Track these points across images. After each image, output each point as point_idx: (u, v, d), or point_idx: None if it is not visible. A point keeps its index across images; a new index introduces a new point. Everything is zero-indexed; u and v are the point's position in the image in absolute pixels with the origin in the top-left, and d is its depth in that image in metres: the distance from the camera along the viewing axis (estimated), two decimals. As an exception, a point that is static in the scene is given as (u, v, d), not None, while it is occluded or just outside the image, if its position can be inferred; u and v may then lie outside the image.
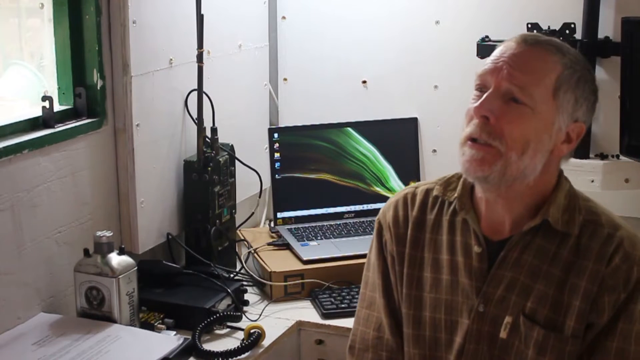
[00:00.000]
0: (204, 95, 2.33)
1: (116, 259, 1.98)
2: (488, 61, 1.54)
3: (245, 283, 2.31)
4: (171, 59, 2.29)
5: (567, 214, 1.55)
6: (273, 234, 2.60)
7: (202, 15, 2.25)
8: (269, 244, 2.51)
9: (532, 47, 1.52)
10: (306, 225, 2.62)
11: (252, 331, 2.02)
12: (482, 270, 1.58)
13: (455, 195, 1.64)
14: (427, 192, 1.69)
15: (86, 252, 1.99)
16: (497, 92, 1.50)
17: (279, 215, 2.64)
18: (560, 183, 1.58)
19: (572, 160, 2.42)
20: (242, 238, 2.58)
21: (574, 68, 1.52)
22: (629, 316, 1.50)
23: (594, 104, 1.56)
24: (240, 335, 2.05)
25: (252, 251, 2.48)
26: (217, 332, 2.09)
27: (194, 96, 2.34)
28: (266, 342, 2.04)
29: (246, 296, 2.26)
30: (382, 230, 1.72)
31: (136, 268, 2.02)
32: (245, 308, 2.21)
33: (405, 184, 2.70)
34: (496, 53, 1.54)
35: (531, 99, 1.48)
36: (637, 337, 1.50)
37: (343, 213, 2.68)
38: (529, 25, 2.44)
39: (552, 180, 1.58)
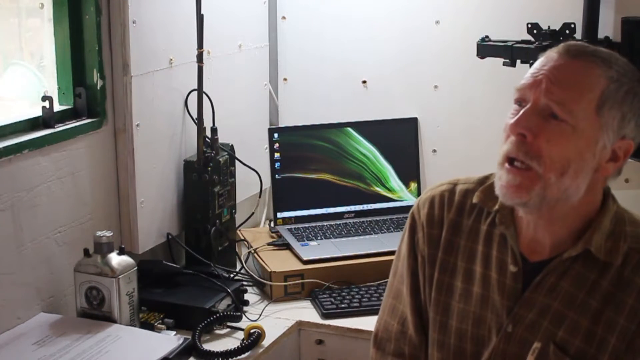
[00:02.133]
0: (204, 95, 2.33)
1: (116, 259, 1.98)
2: (528, 74, 1.44)
3: (245, 283, 2.31)
4: (171, 59, 2.29)
5: (611, 242, 1.46)
6: (273, 234, 2.60)
7: (202, 15, 2.25)
8: (269, 244, 2.51)
9: (575, 60, 1.42)
10: (306, 225, 2.61)
11: (252, 331, 2.02)
12: (515, 291, 1.51)
13: (496, 207, 1.54)
14: (467, 193, 1.60)
15: (86, 252, 1.99)
16: (535, 107, 1.41)
17: (279, 215, 2.63)
18: (607, 205, 1.48)
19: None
20: (242, 238, 2.58)
21: (621, 81, 1.41)
22: None
23: None
24: (240, 335, 2.05)
25: (252, 251, 2.48)
26: (217, 332, 2.09)
27: (194, 96, 2.34)
28: (266, 342, 2.04)
29: (246, 296, 2.25)
30: (416, 226, 1.63)
31: (136, 268, 2.02)
32: (245, 308, 2.21)
33: (405, 184, 2.71)
34: (537, 65, 1.44)
35: (572, 116, 1.38)
36: None
37: (343, 213, 2.68)
38: (529, 25, 2.44)
39: (596, 201, 1.48)
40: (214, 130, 2.36)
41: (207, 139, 2.35)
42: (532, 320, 1.49)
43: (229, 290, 2.17)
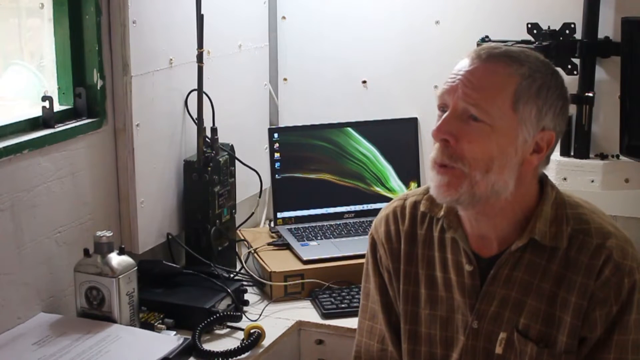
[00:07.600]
0: (204, 95, 2.33)
1: (116, 259, 1.98)
2: (446, 80, 1.51)
3: (245, 283, 2.31)
4: (171, 59, 2.29)
5: (555, 227, 1.52)
6: (273, 234, 2.60)
7: (202, 15, 2.25)
8: (269, 244, 2.51)
9: (486, 63, 1.48)
10: (306, 225, 2.62)
11: (252, 331, 2.02)
12: (474, 288, 1.57)
13: (442, 213, 1.61)
14: (416, 205, 1.67)
15: (86, 252, 1.99)
16: (454, 112, 1.48)
17: (279, 215, 2.64)
18: (545, 193, 1.55)
19: (572, 160, 2.47)
20: (242, 238, 2.58)
21: (534, 77, 1.47)
22: (624, 327, 1.48)
23: (562, 109, 1.51)
24: (240, 335, 2.05)
25: (252, 251, 2.48)
26: (217, 332, 2.09)
27: (194, 96, 2.34)
28: (266, 342, 2.04)
29: (246, 296, 2.25)
30: (376, 245, 1.71)
31: (136, 268, 2.02)
32: (245, 308, 2.21)
33: (405, 184, 2.71)
34: (453, 71, 1.51)
35: (488, 116, 1.45)
36: (633, 346, 1.49)
37: (343, 213, 2.68)
38: (529, 25, 2.44)
39: (532, 192, 1.54)
40: (214, 130, 2.36)
41: (207, 139, 2.35)
42: (495, 312, 1.56)
43: (229, 290, 2.17)
